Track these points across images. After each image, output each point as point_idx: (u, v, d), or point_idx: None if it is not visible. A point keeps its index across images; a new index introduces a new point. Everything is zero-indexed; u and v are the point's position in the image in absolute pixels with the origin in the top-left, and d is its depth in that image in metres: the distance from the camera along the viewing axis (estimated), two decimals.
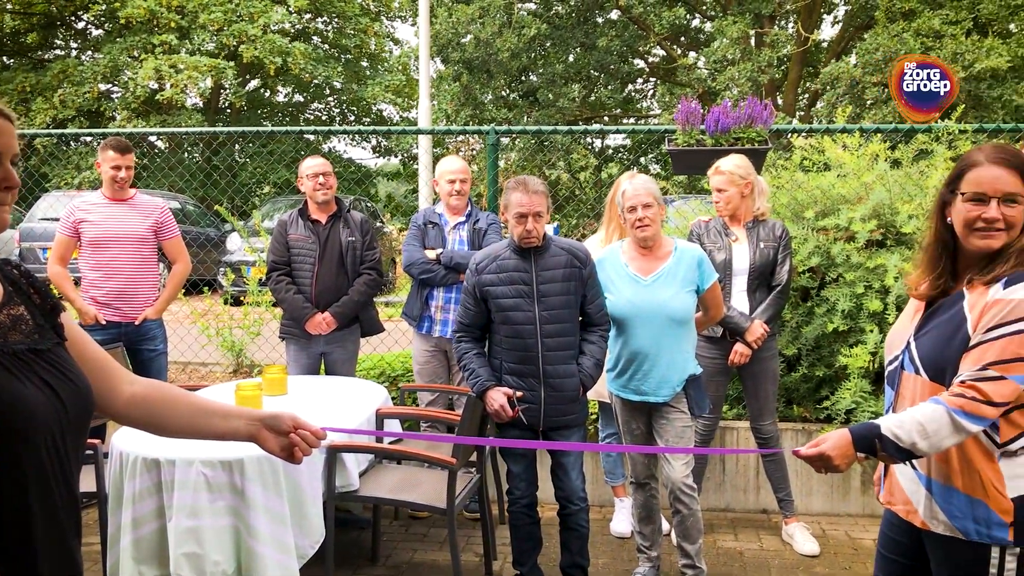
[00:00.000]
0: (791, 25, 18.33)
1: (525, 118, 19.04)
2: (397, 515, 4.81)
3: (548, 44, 18.66)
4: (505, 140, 17.57)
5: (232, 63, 19.78)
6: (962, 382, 2.03)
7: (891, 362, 2.32)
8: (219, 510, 3.22)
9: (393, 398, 4.86)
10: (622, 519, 4.64)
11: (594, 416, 4.80)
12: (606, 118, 21.84)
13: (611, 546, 4.49)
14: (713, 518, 4.82)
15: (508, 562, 3.97)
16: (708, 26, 20.07)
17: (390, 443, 4.29)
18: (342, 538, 4.34)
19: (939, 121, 5.39)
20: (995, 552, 2.10)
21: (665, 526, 4.39)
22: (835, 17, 20.64)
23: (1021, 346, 2.00)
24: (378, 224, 15.11)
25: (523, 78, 19.62)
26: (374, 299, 5.07)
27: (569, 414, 3.69)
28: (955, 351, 2.10)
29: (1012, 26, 14.49)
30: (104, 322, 4.78)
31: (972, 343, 2.06)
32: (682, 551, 3.80)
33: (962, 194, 2.13)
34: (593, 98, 21.79)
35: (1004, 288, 2.05)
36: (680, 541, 3.80)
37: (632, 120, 23.36)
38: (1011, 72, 13.79)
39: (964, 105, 5.77)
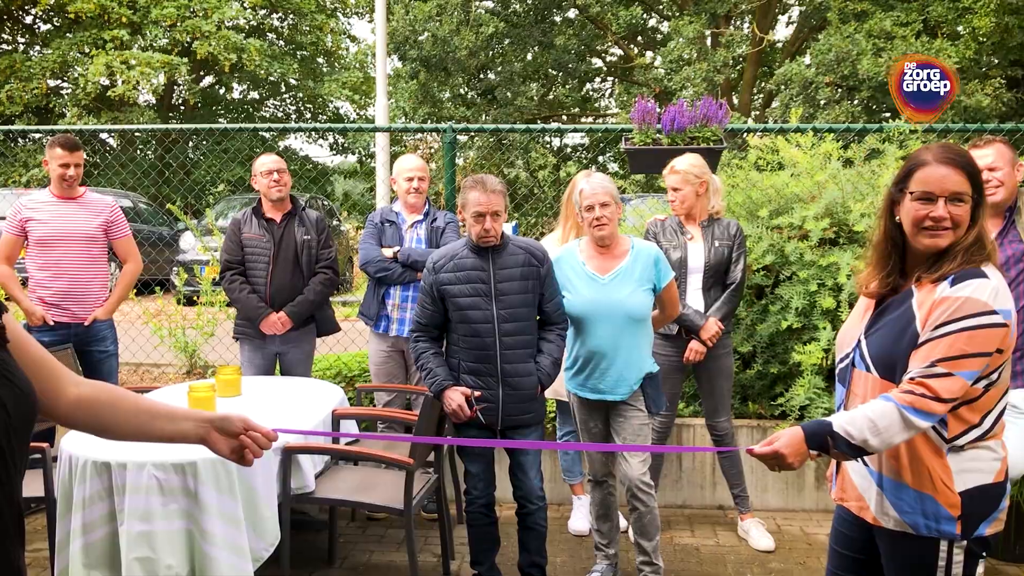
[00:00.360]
0: (746, 25, 18.55)
1: (483, 116, 19.04)
2: (354, 516, 4.78)
3: (506, 42, 18.67)
4: (463, 138, 17.58)
5: (186, 59, 19.49)
6: (911, 379, 2.06)
7: (842, 360, 2.35)
8: (172, 513, 3.17)
9: (350, 398, 4.82)
10: (580, 517, 4.66)
11: (552, 415, 4.81)
12: (564, 117, 21.90)
13: (569, 544, 4.50)
14: (670, 515, 4.85)
15: (466, 562, 3.95)
16: (664, 26, 20.22)
17: (346, 444, 4.26)
18: (298, 540, 4.29)
19: (889, 121, 5.47)
20: (943, 546, 2.14)
21: (623, 523, 4.41)
22: (789, 17, 20.91)
23: (968, 343, 2.03)
24: (335, 222, 15.00)
25: (481, 76, 19.63)
26: (330, 298, 5.03)
27: (527, 413, 3.68)
28: (904, 348, 2.13)
29: (960, 28, 14.77)
30: (52, 323, 4.69)
31: (921, 340, 2.09)
32: (639, 548, 3.81)
33: (910, 193, 2.16)
34: (551, 97, 21.86)
35: (951, 286, 2.08)
36: (637, 538, 3.82)
37: (590, 119, 23.47)
38: (959, 73, 14.06)
39: None
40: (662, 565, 3.83)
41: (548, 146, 20.46)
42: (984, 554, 2.19)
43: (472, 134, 17.33)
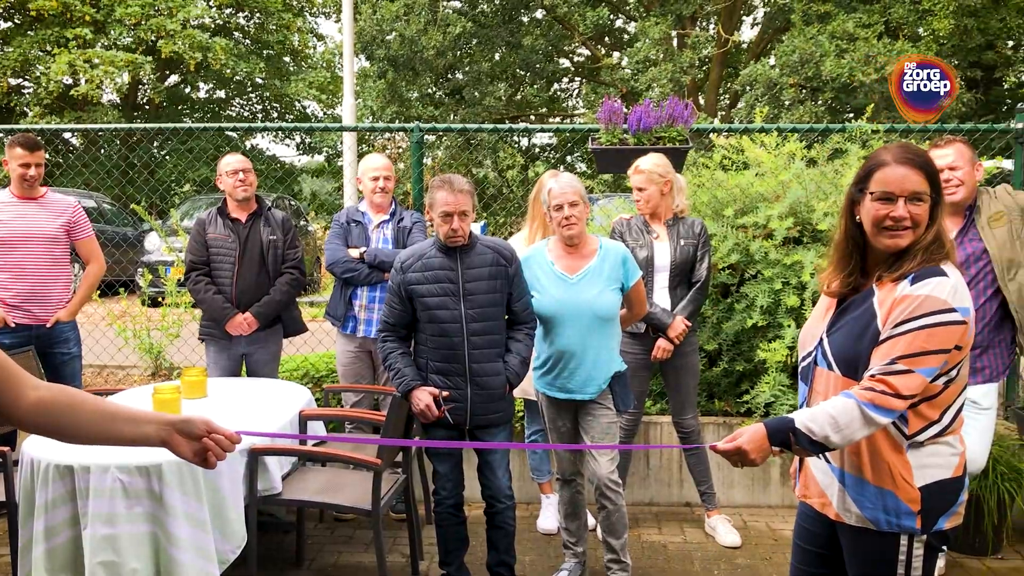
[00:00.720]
0: (712, 27, 18.68)
1: (452, 116, 19.02)
2: (322, 518, 4.76)
3: (474, 42, 18.66)
4: (431, 138, 17.54)
5: (150, 58, 19.27)
6: (872, 376, 2.09)
7: (804, 358, 2.38)
8: (136, 517, 3.15)
9: (317, 399, 4.80)
10: (549, 516, 4.67)
11: (520, 414, 4.82)
12: (532, 117, 21.92)
13: (538, 543, 4.51)
14: (638, 512, 4.88)
15: (435, 562, 3.95)
16: (631, 27, 20.31)
17: (314, 445, 4.24)
18: (265, 542, 4.27)
19: (852, 121, 5.53)
20: (903, 540, 2.17)
21: (591, 521, 4.43)
22: (754, 19, 21.09)
23: (927, 340, 2.06)
24: (302, 222, 14.91)
25: (449, 76, 19.60)
26: (297, 299, 5.00)
27: (495, 412, 3.69)
28: (866, 346, 2.15)
29: (921, 30, 14.99)
30: (13, 324, 4.62)
31: (881, 338, 2.12)
32: (607, 546, 3.83)
33: (871, 193, 2.18)
34: (519, 97, 21.86)
35: (911, 284, 2.11)
36: (605, 536, 3.84)
37: (558, 119, 23.51)
38: None
39: (875, 105, 5.91)
40: (630, 563, 3.86)
41: (516, 146, 20.47)
42: (944, 548, 2.23)
43: (440, 134, 17.30)
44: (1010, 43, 17.56)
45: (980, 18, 14.64)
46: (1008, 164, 5.40)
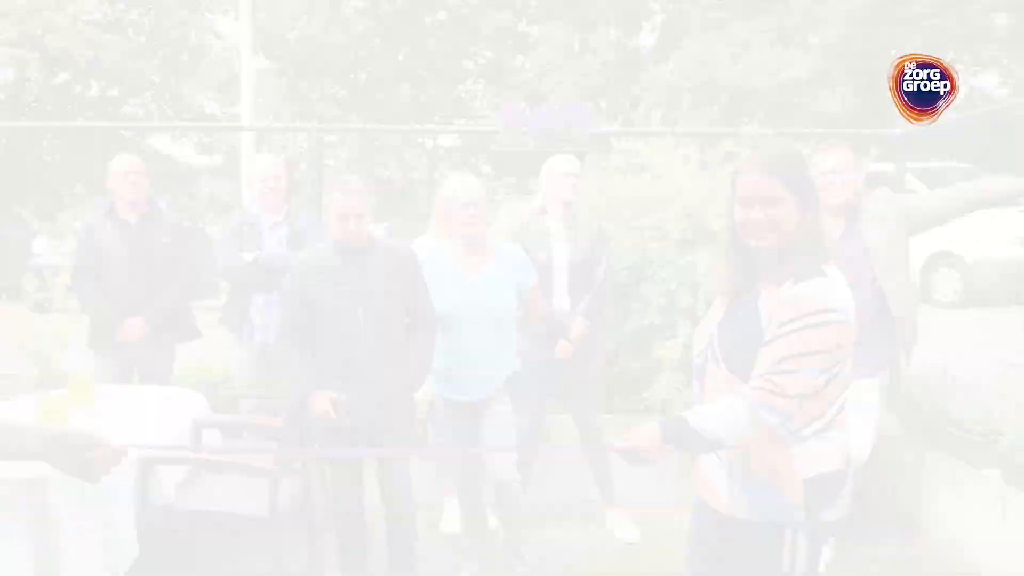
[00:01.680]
0: (613, 32, 18.97)
1: (354, 116, 18.83)
2: (218, 527, 4.63)
3: (376, 42, 18.51)
4: (335, 139, 17.33)
5: (37, 54, 18.48)
6: (760, 376, 2.15)
7: (697, 355, 2.44)
8: (16, 533, 3.00)
9: (213, 406, 4.68)
10: (451, 518, 4.66)
11: (422, 417, 4.79)
12: (436, 118, 21.85)
13: (440, 545, 4.49)
14: (539, 510, 4.90)
15: (335, 570, 3.90)
16: (535, 30, 20.45)
17: (209, 453, 4.13)
18: (158, 554, 4.14)
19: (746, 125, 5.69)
20: (789, 533, 2.25)
21: (493, 522, 4.44)
22: (653, 25, 21.48)
23: (811, 340, 2.13)
24: (199, 224, 14.53)
25: (352, 76, 19.39)
26: (192, 303, 4.87)
27: (396, 417, 3.66)
28: (752, 346, 2.22)
29: (811, 38, 15.55)
30: None
31: (767, 339, 2.19)
32: (509, 545, 3.85)
33: (735, 199, 2.29)
34: (423, 98, 21.78)
35: (794, 286, 2.19)
36: (507, 535, 3.86)
37: (462, 121, 23.50)
38: (811, 81, 14.82)
39: (766, 111, 6.10)
40: (533, 561, 3.88)
41: (421, 147, 20.39)
42: (831, 539, 2.31)
43: (344, 134, 17.11)
44: (893, 51, 18.35)
45: (866, 26, 15.28)
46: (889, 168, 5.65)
